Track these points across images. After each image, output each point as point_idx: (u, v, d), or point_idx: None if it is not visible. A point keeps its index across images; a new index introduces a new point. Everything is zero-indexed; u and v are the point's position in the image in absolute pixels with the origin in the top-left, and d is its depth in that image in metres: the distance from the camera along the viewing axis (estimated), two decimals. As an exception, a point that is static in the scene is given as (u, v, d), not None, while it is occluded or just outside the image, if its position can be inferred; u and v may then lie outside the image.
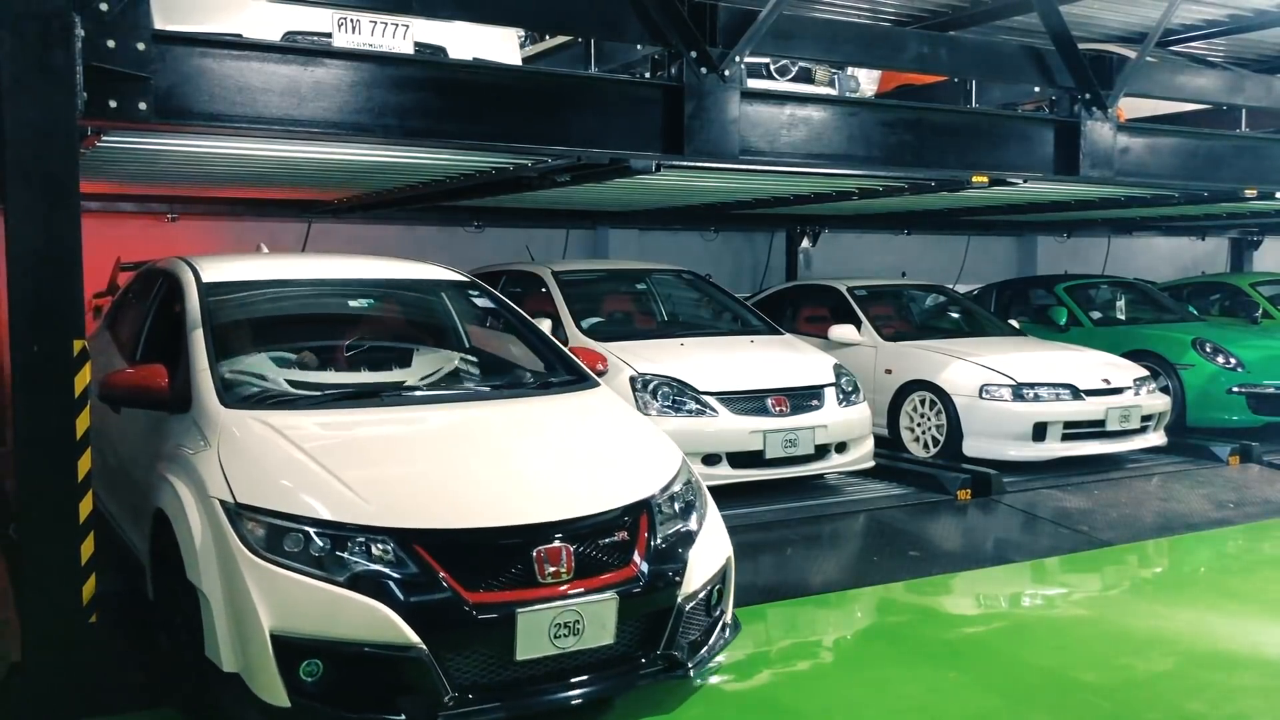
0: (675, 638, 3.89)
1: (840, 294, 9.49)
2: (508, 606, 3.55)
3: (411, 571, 3.53)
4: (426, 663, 3.44)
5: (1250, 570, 6.26)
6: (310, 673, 3.46)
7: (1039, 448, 7.99)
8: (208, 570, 3.62)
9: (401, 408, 4.52)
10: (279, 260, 5.82)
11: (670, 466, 4.28)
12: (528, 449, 4.28)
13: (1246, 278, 12.50)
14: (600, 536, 3.80)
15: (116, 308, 6.26)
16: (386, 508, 3.66)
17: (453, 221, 10.29)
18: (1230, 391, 9.29)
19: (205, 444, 3.99)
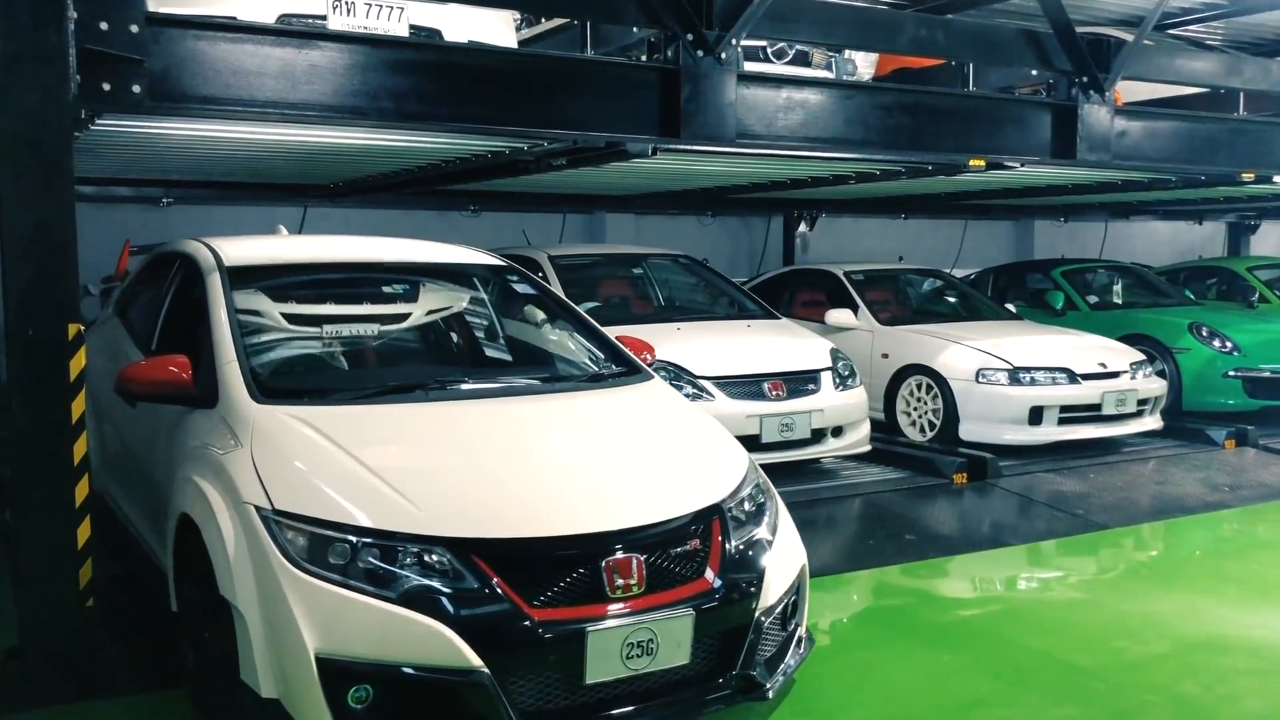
0: (753, 656, 3.55)
1: (837, 278, 9.49)
2: (577, 624, 3.19)
3: (470, 586, 3.17)
4: (489, 688, 3.10)
5: (1245, 553, 6.28)
6: (359, 699, 3.11)
7: (1035, 432, 8.01)
8: (243, 584, 3.24)
9: (447, 403, 4.08)
10: (303, 242, 5.47)
11: (739, 466, 3.94)
12: (587, 449, 3.92)
13: (1243, 262, 12.50)
14: (671, 546, 3.45)
15: (128, 293, 5.86)
16: (441, 515, 3.30)
17: (449, 206, 10.27)
18: (1226, 375, 9.31)
19: (236, 443, 3.62)
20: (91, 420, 5.29)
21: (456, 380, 4.39)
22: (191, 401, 3.98)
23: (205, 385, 3.95)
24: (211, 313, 4.25)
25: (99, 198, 8.90)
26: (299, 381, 4.32)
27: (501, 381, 4.56)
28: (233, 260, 4.57)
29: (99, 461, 5.41)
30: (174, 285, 4.96)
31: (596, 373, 4.63)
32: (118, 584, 5.00)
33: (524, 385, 4.43)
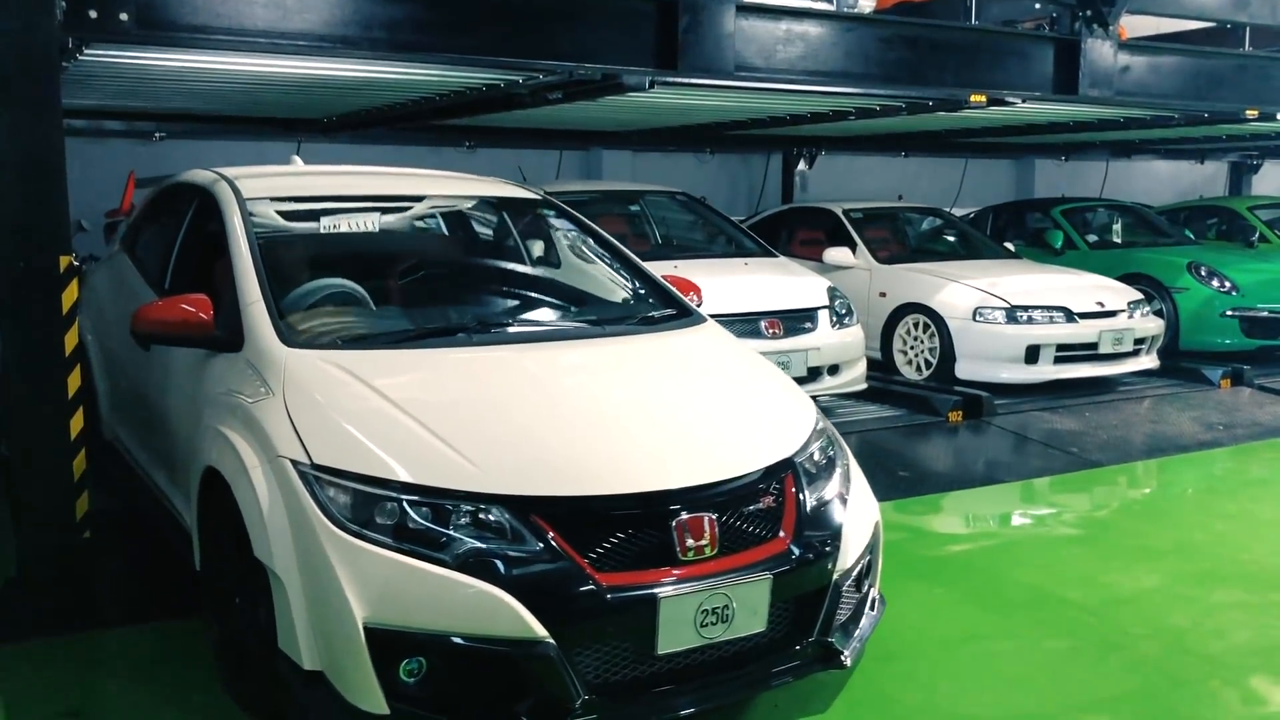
0: (830, 622, 3.30)
1: (836, 217, 9.43)
2: (648, 590, 2.92)
3: (533, 549, 2.90)
4: (555, 660, 2.83)
5: (1236, 491, 6.32)
6: (411, 672, 2.85)
7: (1031, 370, 8.01)
8: (281, 547, 2.97)
9: (493, 348, 3.74)
10: (324, 173, 5.14)
11: (808, 416, 3.65)
12: (648, 399, 3.59)
13: (1244, 201, 12.44)
14: (745, 504, 3.18)
15: (136, 228, 5.48)
16: (498, 471, 3.01)
17: (444, 142, 10.17)
18: (1224, 315, 9.30)
19: (266, 390, 3.32)
20: (99, 364, 5.27)
21: (501, 323, 4.08)
22: (213, 344, 3.70)
23: (229, 327, 3.66)
24: (232, 249, 3.94)
25: (90, 131, 8.80)
26: (330, 324, 3.97)
27: (547, 324, 4.25)
28: (252, 193, 4.27)
29: (108, 408, 5.26)
30: (188, 220, 4.66)
31: (647, 315, 4.28)
32: (113, 516, 5.02)
33: (573, 329, 4.17)
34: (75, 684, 3.57)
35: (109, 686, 3.64)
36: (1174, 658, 3.86)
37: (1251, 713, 3.49)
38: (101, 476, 5.15)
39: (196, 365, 3.82)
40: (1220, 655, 3.87)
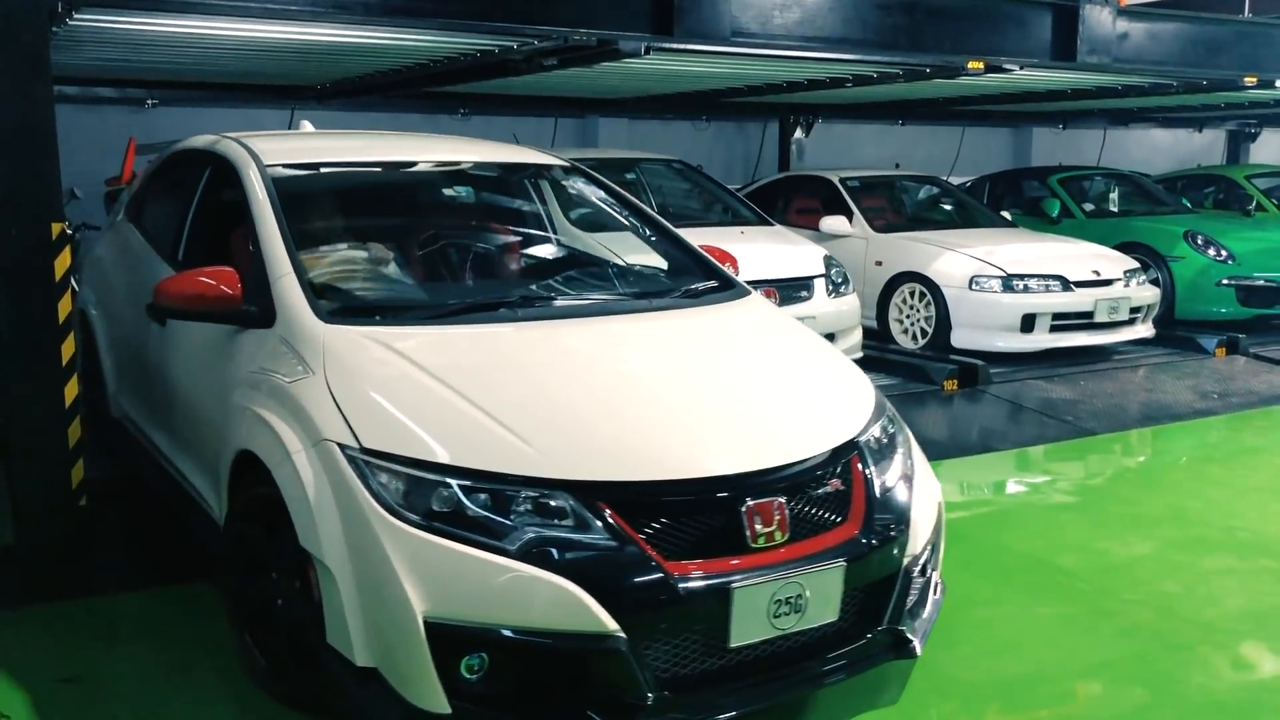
0: (901, 610, 3.16)
1: (833, 185, 9.39)
2: (720, 580, 2.77)
3: (600, 538, 2.73)
4: (626, 655, 2.68)
5: (1230, 459, 6.34)
6: (473, 669, 2.70)
7: (1027, 339, 8.02)
8: (330, 536, 2.80)
9: (538, 323, 3.57)
10: (344, 139, 4.94)
11: (868, 394, 3.50)
12: (706, 376, 3.40)
13: (1241, 170, 12.40)
14: (813, 487, 3.02)
15: (141, 196, 5.23)
16: (560, 455, 2.84)
17: (439, 109, 10.11)
18: (1220, 284, 9.29)
19: (304, 369, 3.14)
20: (104, 338, 5.09)
21: (544, 297, 3.87)
22: (241, 320, 3.50)
23: (258, 302, 3.46)
24: (257, 219, 3.72)
25: (82, 98, 8.74)
26: (367, 298, 3.79)
27: (592, 298, 3.99)
28: (273, 160, 4.05)
29: (115, 385, 5.02)
30: (201, 188, 4.44)
31: (690, 287, 4.06)
32: (111, 485, 5.03)
33: (619, 303, 3.93)
34: (73, 650, 3.58)
35: (107, 652, 3.66)
36: (1166, 623, 3.88)
37: (1241, 678, 3.52)
38: (110, 456, 5.13)
39: (222, 342, 3.62)
40: (1212, 621, 3.89)
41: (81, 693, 3.30)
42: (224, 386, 3.49)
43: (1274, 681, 3.50)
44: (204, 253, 4.19)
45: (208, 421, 3.65)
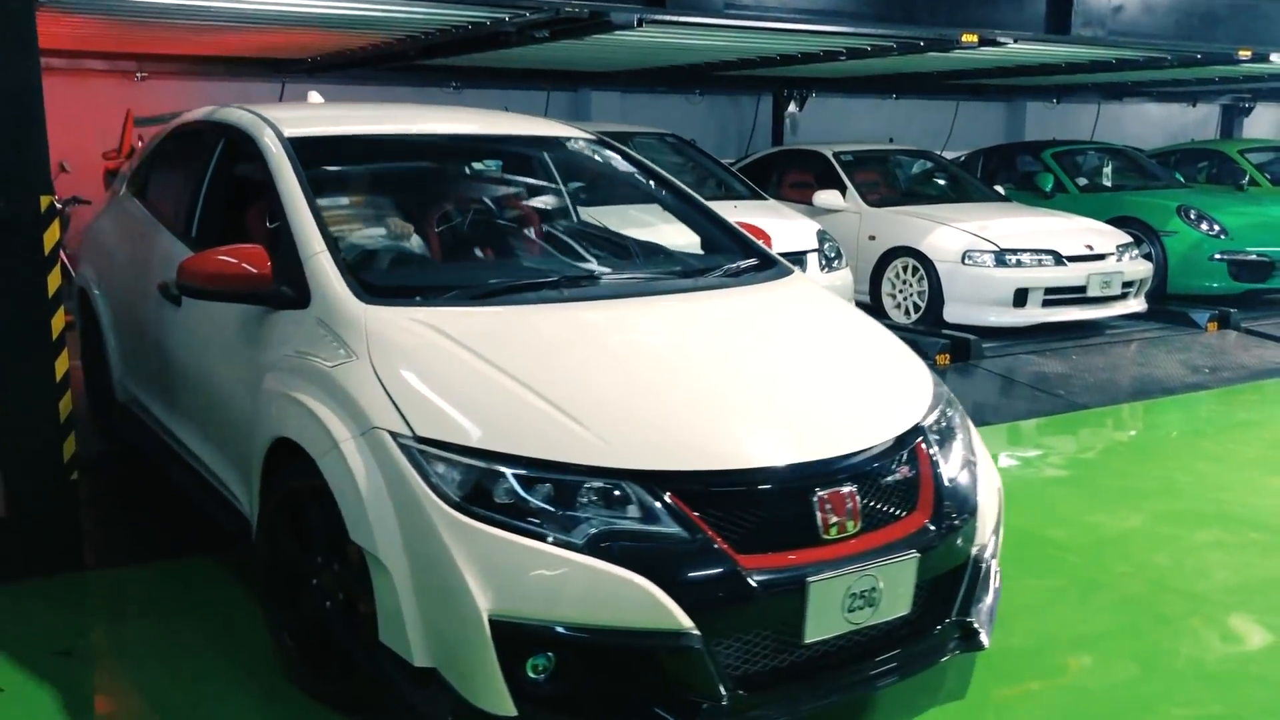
0: (971, 601, 3.05)
1: (826, 159, 9.38)
2: (795, 573, 2.65)
3: (671, 530, 2.60)
4: (701, 654, 2.56)
5: (1221, 433, 6.37)
6: (538, 669, 2.58)
7: (1020, 313, 8.03)
8: (384, 529, 2.65)
9: (587, 304, 3.41)
10: (363, 111, 4.75)
11: (926, 378, 3.37)
12: (766, 360, 3.25)
13: (1235, 144, 12.39)
14: (882, 476, 2.89)
15: (146, 171, 5.01)
16: (626, 443, 2.69)
17: (430, 82, 10.05)
18: (1212, 259, 9.30)
19: (346, 353, 2.98)
20: (108, 318, 4.90)
21: (587, 276, 3.69)
22: (271, 301, 3.33)
23: (290, 281, 3.29)
24: (284, 195, 3.54)
25: (71, 70, 8.66)
26: (406, 277, 3.64)
27: (637, 277, 3.85)
28: (294, 131, 3.85)
29: (121, 368, 4.82)
30: (215, 161, 4.25)
31: (732, 266, 3.89)
32: (105, 462, 5.03)
33: (664, 282, 3.75)
34: (67, 623, 3.58)
35: (101, 626, 3.67)
36: (1157, 596, 3.91)
37: (1230, 650, 3.55)
38: (117, 441, 5.04)
39: (251, 324, 3.45)
40: (1202, 593, 3.92)
41: (76, 666, 3.30)
42: (253, 371, 3.33)
43: (1262, 653, 3.52)
44: (219, 229, 4.04)
45: (234, 407, 3.50)
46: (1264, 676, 3.32)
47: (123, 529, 4.47)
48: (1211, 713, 3.12)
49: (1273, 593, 3.94)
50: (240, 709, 3.05)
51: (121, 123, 8.40)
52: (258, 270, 3.28)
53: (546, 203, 4.68)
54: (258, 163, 3.80)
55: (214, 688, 3.16)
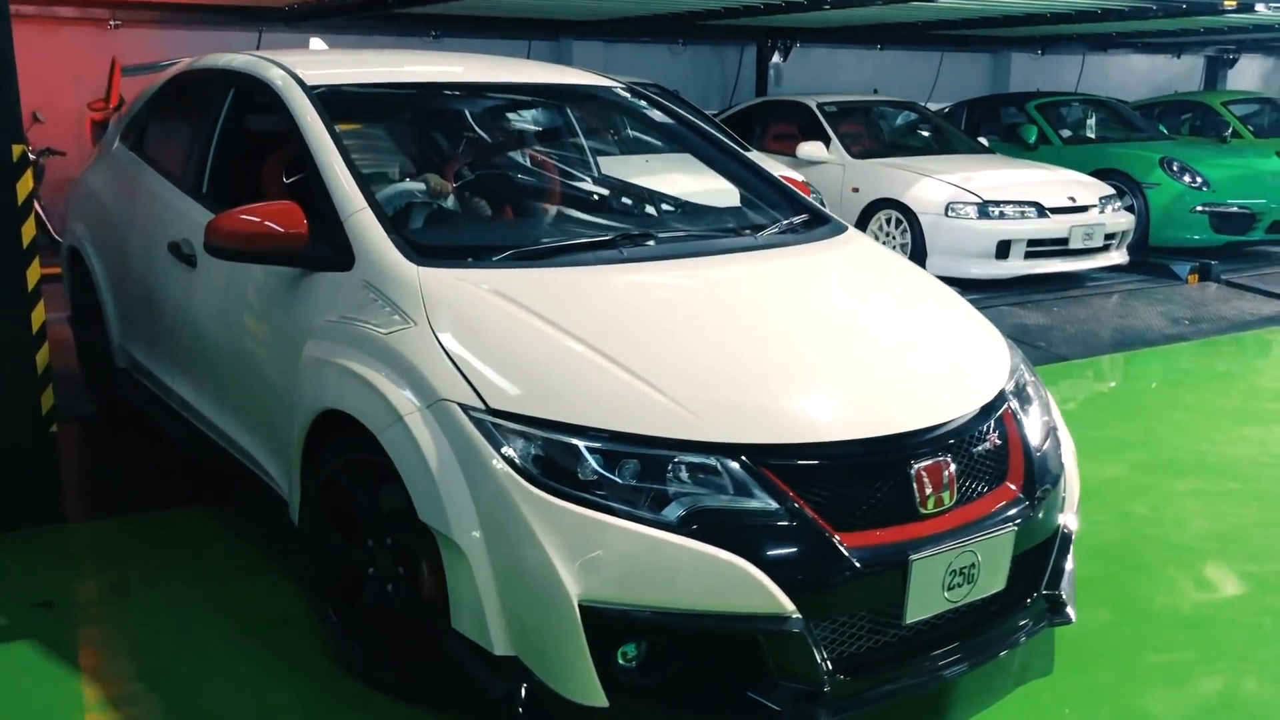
0: (1059, 573, 2.92)
1: (810, 110, 9.33)
2: (898, 550, 2.50)
3: (767, 507, 2.43)
4: (804, 638, 2.40)
5: (1200, 384, 6.41)
6: (630, 658, 2.43)
7: (1002, 265, 8.04)
8: (457, 510, 2.48)
9: (645, 264, 3.15)
10: (382, 58, 4.34)
11: (1000, 340, 3.21)
12: (845, 324, 3.07)
13: (1218, 96, 12.38)
14: (973, 445, 2.74)
15: (142, 123, 4.70)
16: (716, 415, 2.51)
17: (410, 31, 9.92)
18: (1194, 211, 9.32)
19: (402, 319, 2.77)
20: (104, 279, 4.62)
21: (644, 235, 3.40)
22: (308, 262, 3.10)
23: (329, 241, 3.06)
24: (315, 148, 3.30)
25: (42, 18, 8.50)
26: (456, 236, 3.39)
27: (692, 234, 3.63)
28: (317, 81, 3.59)
29: (120, 331, 4.55)
30: (225, 112, 3.99)
31: (788, 223, 3.65)
32: (88, 418, 5.00)
33: (724, 241, 3.51)
34: (47, 576, 3.58)
35: (82, 578, 3.66)
36: (1134, 545, 3.95)
37: (1204, 597, 3.59)
38: (118, 411, 4.86)
39: (283, 287, 3.22)
40: (1179, 542, 3.96)
41: (56, 617, 3.30)
42: (288, 337, 3.12)
43: (1236, 599, 3.57)
44: (233, 183, 3.85)
45: (264, 376, 3.30)
46: (1238, 622, 3.37)
47: (106, 483, 4.45)
48: (1186, 658, 3.17)
49: (1248, 540, 3.99)
50: (228, 659, 3.06)
51: (107, 72, 8.23)
52: (293, 229, 3.03)
53: (587, 156, 4.44)
54: (278, 114, 3.56)
55: (200, 638, 3.16)
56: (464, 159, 3.97)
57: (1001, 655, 2.79)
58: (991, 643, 2.74)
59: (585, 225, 3.81)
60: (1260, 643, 3.25)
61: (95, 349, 4.85)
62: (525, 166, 4.16)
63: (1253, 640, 3.26)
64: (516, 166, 4.12)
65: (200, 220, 3.57)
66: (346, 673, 2.90)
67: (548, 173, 4.25)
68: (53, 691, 2.90)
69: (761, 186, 3.94)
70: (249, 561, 3.64)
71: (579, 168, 4.41)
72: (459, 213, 3.64)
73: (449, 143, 4.07)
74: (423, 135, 4.06)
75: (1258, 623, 3.37)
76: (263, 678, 2.96)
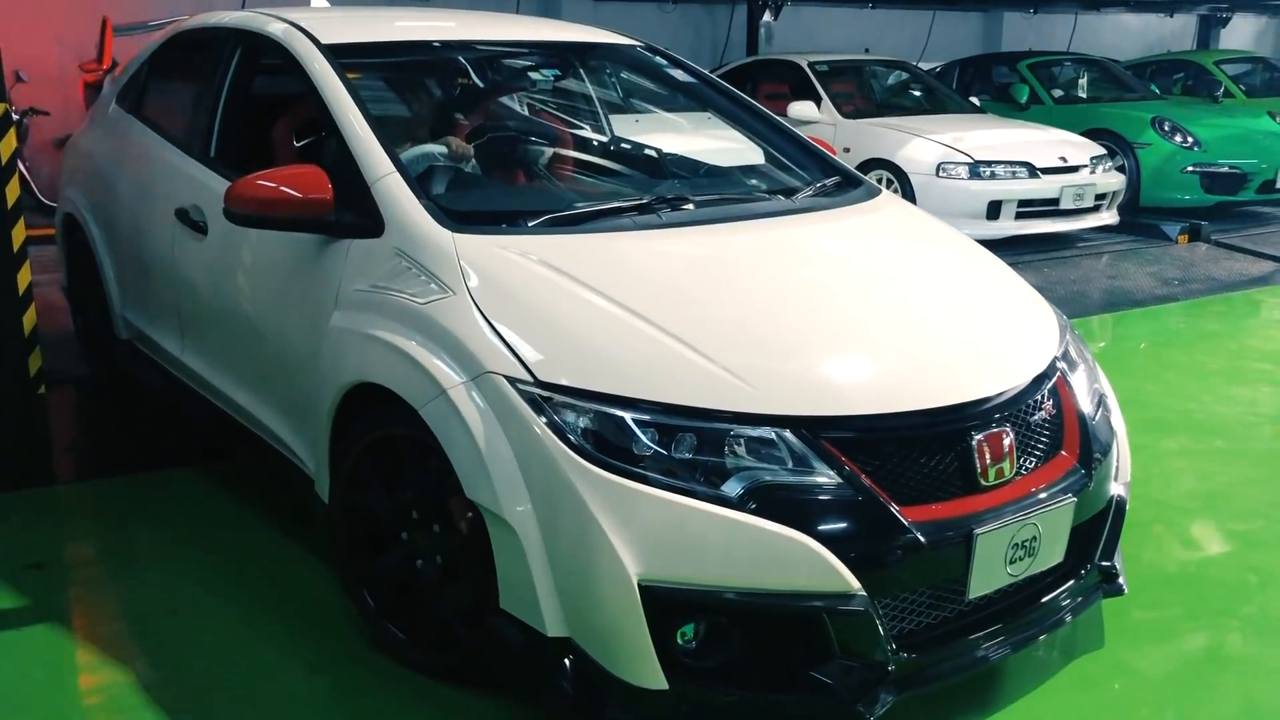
0: (1113, 544, 2.90)
1: (801, 70, 9.27)
2: (962, 524, 2.43)
3: (830, 482, 2.35)
4: (868, 616, 2.33)
5: (1189, 344, 6.43)
6: (688, 638, 2.35)
7: (992, 226, 8.03)
8: (506, 487, 2.39)
9: (684, 229, 3.05)
10: (395, 16, 4.21)
11: (1047, 307, 3.16)
12: (895, 291, 2.97)
13: (1211, 55, 12.34)
14: (1029, 415, 2.68)
15: (140, 84, 4.53)
16: (774, 387, 2.42)
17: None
18: (1185, 171, 9.31)
19: (441, 288, 2.66)
20: (104, 246, 4.49)
21: (679, 199, 3.24)
22: (335, 230, 2.99)
23: (356, 207, 2.95)
24: (336, 111, 3.18)
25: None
26: (488, 201, 3.30)
27: (728, 197, 3.48)
28: (331, 39, 3.47)
29: (122, 300, 4.42)
30: (232, 73, 3.87)
31: (821, 186, 3.55)
32: (78, 381, 4.98)
33: (763, 205, 3.39)
34: (38, 537, 3.58)
35: (74, 538, 3.66)
36: (1120, 503, 3.97)
37: (1190, 555, 3.62)
38: (122, 383, 4.74)
39: (306, 255, 3.09)
40: (1166, 500, 3.99)
41: (48, 578, 3.30)
42: (313, 307, 3.01)
43: (1221, 557, 3.60)
44: (242, 147, 3.76)
45: (286, 348, 3.19)
46: (1222, 579, 3.40)
47: (98, 444, 4.45)
48: (1171, 614, 3.20)
49: (1235, 499, 4.02)
50: (220, 619, 3.07)
51: (96, 31, 8.12)
52: (318, 195, 2.93)
53: (611, 116, 4.36)
54: (292, 74, 3.44)
55: (192, 598, 3.17)
56: (484, 120, 3.92)
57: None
58: (1049, 614, 2.69)
59: (618, 189, 3.73)
60: (1245, 599, 3.28)
61: (94, 319, 4.75)
62: (547, 128, 4.09)
63: (1238, 597, 3.29)
64: (538, 128, 4.04)
65: (209, 185, 3.53)
66: (386, 656, 2.82)
67: (571, 134, 4.16)
68: (45, 652, 2.90)
69: (791, 148, 3.82)
70: (241, 522, 3.65)
71: (601, 130, 4.33)
72: (484, 177, 3.55)
73: (469, 104, 3.96)
74: (442, 96, 4.00)
75: (1243, 580, 3.40)
76: (255, 636, 2.97)
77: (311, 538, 3.45)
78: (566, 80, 4.43)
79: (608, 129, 4.39)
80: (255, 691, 2.72)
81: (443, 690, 2.69)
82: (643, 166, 4.07)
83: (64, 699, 2.72)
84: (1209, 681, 2.86)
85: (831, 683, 2.35)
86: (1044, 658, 2.93)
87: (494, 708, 2.64)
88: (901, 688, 2.41)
